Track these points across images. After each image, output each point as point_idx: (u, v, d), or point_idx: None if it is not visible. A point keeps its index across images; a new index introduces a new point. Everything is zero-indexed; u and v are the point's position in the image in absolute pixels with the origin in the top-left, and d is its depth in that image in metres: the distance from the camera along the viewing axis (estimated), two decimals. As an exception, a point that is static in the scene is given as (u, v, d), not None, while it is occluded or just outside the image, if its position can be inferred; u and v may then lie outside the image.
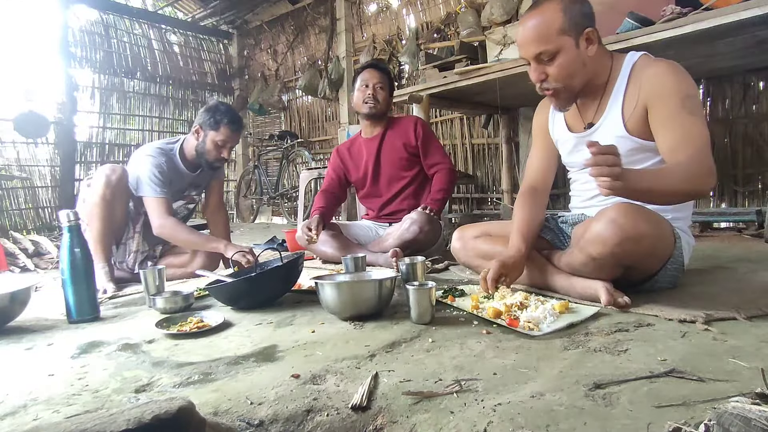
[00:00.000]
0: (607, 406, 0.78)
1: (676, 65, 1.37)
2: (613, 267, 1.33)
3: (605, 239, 1.25)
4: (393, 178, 2.54)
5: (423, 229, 2.21)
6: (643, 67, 1.40)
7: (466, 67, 2.94)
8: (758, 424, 0.54)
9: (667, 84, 1.33)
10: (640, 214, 1.25)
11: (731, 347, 1.00)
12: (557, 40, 1.35)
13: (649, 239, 1.26)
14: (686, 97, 1.31)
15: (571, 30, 1.35)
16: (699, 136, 1.28)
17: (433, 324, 1.30)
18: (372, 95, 2.48)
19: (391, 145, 2.52)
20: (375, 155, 2.54)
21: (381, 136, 2.55)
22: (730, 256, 2.06)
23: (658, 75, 1.35)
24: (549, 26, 1.35)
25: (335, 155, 2.71)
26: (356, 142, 2.68)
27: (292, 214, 5.95)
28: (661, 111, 1.33)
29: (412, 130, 2.50)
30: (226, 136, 2.22)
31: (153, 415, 0.65)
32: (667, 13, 2.16)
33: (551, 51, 1.36)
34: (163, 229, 2.15)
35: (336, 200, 2.63)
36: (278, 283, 1.65)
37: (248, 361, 1.10)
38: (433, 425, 0.77)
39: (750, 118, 3.16)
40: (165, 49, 6.50)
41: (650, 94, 1.35)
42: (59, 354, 1.23)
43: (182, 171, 2.31)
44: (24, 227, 5.08)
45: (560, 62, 1.37)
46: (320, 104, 6.07)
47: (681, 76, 1.34)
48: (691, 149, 1.25)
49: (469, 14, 4.09)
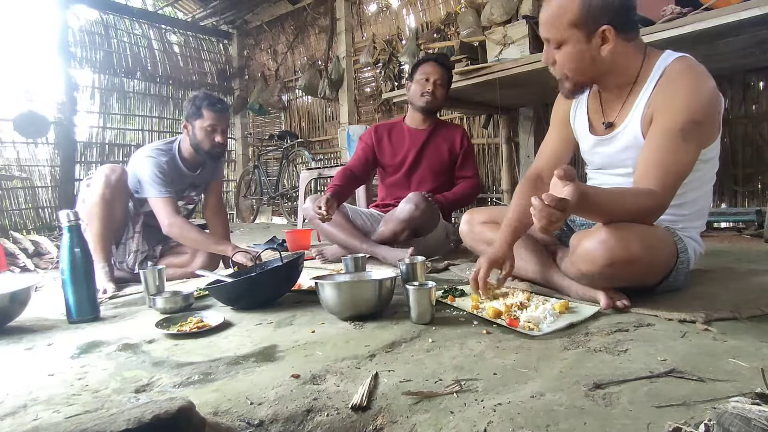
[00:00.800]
0: (607, 406, 0.78)
1: (702, 79, 1.27)
2: (604, 282, 1.31)
3: (594, 259, 1.22)
4: (427, 177, 2.55)
5: (419, 207, 2.20)
6: (671, 71, 1.30)
7: (466, 67, 2.94)
8: (758, 424, 0.54)
9: (678, 101, 1.25)
10: (633, 237, 1.19)
11: (731, 347, 1.00)
12: (564, 32, 1.30)
13: (642, 263, 1.21)
14: (690, 121, 1.23)
15: (584, 24, 1.28)
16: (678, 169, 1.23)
17: (433, 324, 1.30)
18: (431, 90, 2.50)
19: (437, 146, 2.55)
20: (419, 148, 2.55)
21: (429, 132, 2.57)
22: (730, 256, 2.06)
23: (676, 89, 1.27)
24: (561, 15, 1.29)
25: (370, 134, 2.65)
26: (398, 126, 2.65)
27: (292, 214, 5.95)
28: (660, 124, 1.27)
29: (459, 139, 2.57)
30: (212, 119, 2.20)
31: (153, 415, 0.65)
32: (667, 13, 2.16)
33: (557, 40, 1.32)
34: (173, 228, 2.14)
35: (356, 182, 2.58)
36: (278, 283, 1.65)
37: (248, 361, 1.10)
38: (433, 425, 0.77)
39: (750, 118, 3.16)
40: (165, 49, 6.49)
41: (658, 105, 1.29)
42: (59, 354, 1.23)
43: (183, 170, 2.31)
44: (24, 227, 5.08)
45: (565, 53, 1.33)
46: (320, 104, 6.07)
47: (698, 97, 1.24)
48: (659, 184, 1.21)
49: (469, 14, 4.08)
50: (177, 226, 2.14)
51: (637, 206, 1.20)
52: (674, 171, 1.23)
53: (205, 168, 2.39)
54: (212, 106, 2.20)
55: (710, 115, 1.27)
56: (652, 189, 1.21)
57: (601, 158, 1.50)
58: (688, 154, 1.24)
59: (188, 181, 2.37)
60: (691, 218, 1.41)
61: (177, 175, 2.29)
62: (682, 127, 1.23)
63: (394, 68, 5.06)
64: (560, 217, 1.06)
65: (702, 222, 1.48)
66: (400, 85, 4.93)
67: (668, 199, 1.23)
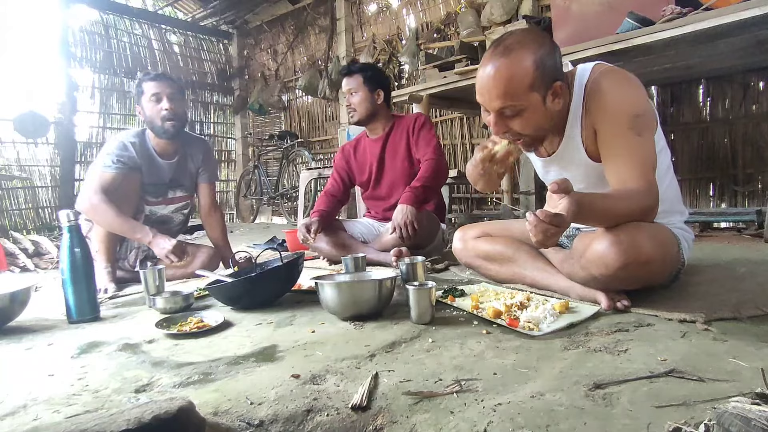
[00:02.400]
0: (607, 406, 0.78)
1: (622, 78, 1.29)
2: (618, 285, 1.30)
3: (607, 262, 1.20)
4: (397, 181, 2.44)
5: (420, 224, 2.17)
6: (592, 84, 1.31)
7: (466, 67, 2.94)
8: (758, 424, 0.54)
9: (612, 102, 1.26)
10: (645, 237, 1.18)
11: (731, 347, 1.00)
12: (524, 98, 1.24)
13: (656, 262, 1.21)
14: (633, 116, 1.24)
15: (541, 86, 1.24)
16: (648, 160, 1.23)
17: (433, 324, 1.30)
18: (348, 104, 2.43)
19: (394, 146, 2.44)
20: (378, 158, 2.46)
21: (384, 138, 2.46)
22: (730, 256, 2.06)
23: (603, 93, 1.28)
24: (518, 82, 1.23)
25: (340, 155, 2.62)
26: (362, 141, 2.58)
27: (292, 214, 5.95)
28: (607, 132, 1.27)
29: (410, 126, 2.40)
30: (153, 87, 2.14)
31: (153, 415, 0.66)
32: (667, 13, 2.16)
33: (516, 108, 1.26)
34: (87, 203, 2.00)
35: (338, 203, 2.54)
36: (278, 283, 1.65)
37: (248, 361, 1.10)
38: (433, 425, 0.77)
39: (750, 118, 3.16)
40: (165, 49, 6.49)
41: (596, 115, 1.29)
42: (59, 354, 1.23)
43: (155, 158, 2.21)
44: (24, 227, 5.08)
45: (525, 118, 1.27)
46: (320, 104, 6.07)
47: (627, 92, 1.27)
48: (642, 181, 1.20)
49: (469, 14, 4.09)
50: (94, 202, 1.99)
51: (633, 207, 1.20)
52: (646, 163, 1.23)
53: (182, 156, 2.29)
54: (147, 77, 2.17)
55: (644, 104, 1.29)
56: (638, 187, 1.21)
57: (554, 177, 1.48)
58: (647, 144, 1.25)
59: (165, 173, 2.26)
60: (667, 213, 1.40)
61: (148, 161, 2.19)
62: (629, 124, 1.24)
63: (394, 68, 5.06)
64: (556, 233, 1.06)
65: (681, 212, 1.46)
66: (400, 85, 4.93)
67: (656, 192, 1.23)
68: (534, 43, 1.25)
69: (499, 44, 1.27)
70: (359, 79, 2.40)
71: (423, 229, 2.19)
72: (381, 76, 2.47)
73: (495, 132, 1.33)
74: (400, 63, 5.02)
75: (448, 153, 4.73)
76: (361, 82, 2.40)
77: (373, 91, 2.41)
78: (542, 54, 1.24)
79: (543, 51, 1.24)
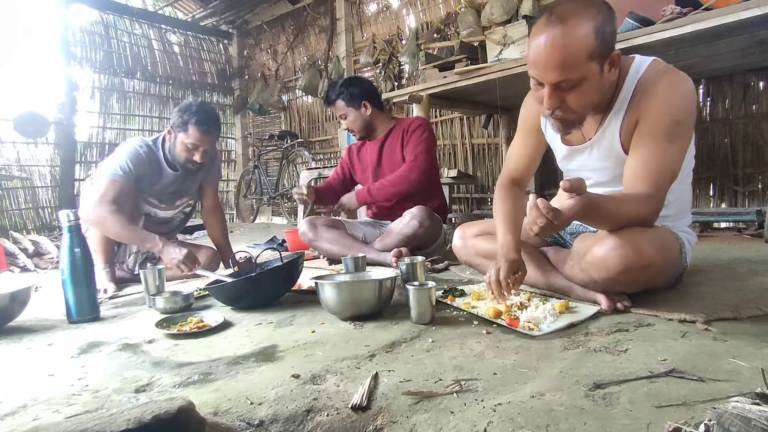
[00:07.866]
0: (607, 406, 0.78)
1: (677, 80, 1.25)
2: (618, 288, 1.29)
3: (608, 266, 1.19)
4: None
5: (423, 224, 2.19)
6: (647, 79, 1.27)
7: (466, 67, 2.94)
8: (758, 424, 0.54)
9: (660, 101, 1.23)
10: (645, 241, 1.17)
11: (731, 347, 1.00)
12: (585, 68, 1.16)
13: (656, 266, 1.20)
14: (674, 121, 1.21)
15: (600, 55, 1.16)
16: (667, 169, 1.20)
17: (433, 324, 1.30)
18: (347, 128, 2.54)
19: (391, 148, 2.48)
20: (377, 158, 2.52)
21: (383, 139, 2.51)
22: (730, 256, 2.06)
23: (656, 91, 1.24)
24: (577, 52, 1.14)
25: (347, 153, 2.73)
26: (366, 143, 2.63)
27: (292, 214, 5.95)
28: (642, 127, 1.24)
29: (406, 128, 2.43)
30: (195, 139, 2.05)
31: (153, 415, 0.65)
32: (667, 13, 2.16)
33: (575, 79, 1.18)
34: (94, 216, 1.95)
35: (332, 190, 2.63)
36: (278, 283, 1.65)
37: (248, 361, 1.10)
38: (433, 425, 0.77)
39: (750, 118, 3.16)
40: (165, 49, 6.49)
41: (643, 110, 1.25)
42: (59, 354, 1.23)
43: (164, 167, 2.19)
44: (24, 227, 5.08)
45: (581, 91, 1.20)
46: (320, 104, 6.05)
47: (679, 96, 1.23)
48: (652, 187, 1.18)
49: (469, 14, 4.08)
50: (103, 213, 1.94)
51: (636, 212, 1.19)
52: (665, 172, 1.21)
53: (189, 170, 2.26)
54: (199, 125, 2.04)
55: (688, 111, 1.26)
56: (646, 192, 1.20)
57: (576, 167, 1.47)
58: (674, 153, 1.22)
59: (172, 180, 2.23)
60: (676, 217, 1.40)
61: (156, 171, 2.17)
62: (667, 129, 1.20)
63: (394, 68, 5.06)
64: (548, 226, 1.05)
65: (688, 217, 1.46)
66: (400, 85, 4.93)
67: (663, 200, 1.22)
68: (592, 8, 1.17)
69: (553, 12, 1.18)
70: (341, 104, 2.47)
71: (426, 229, 2.22)
72: (360, 89, 2.47)
73: (548, 106, 1.24)
74: (400, 63, 5.02)
75: (448, 153, 4.73)
76: (344, 105, 2.46)
77: (359, 107, 2.46)
78: (601, 20, 1.15)
79: (602, 17, 1.16)
